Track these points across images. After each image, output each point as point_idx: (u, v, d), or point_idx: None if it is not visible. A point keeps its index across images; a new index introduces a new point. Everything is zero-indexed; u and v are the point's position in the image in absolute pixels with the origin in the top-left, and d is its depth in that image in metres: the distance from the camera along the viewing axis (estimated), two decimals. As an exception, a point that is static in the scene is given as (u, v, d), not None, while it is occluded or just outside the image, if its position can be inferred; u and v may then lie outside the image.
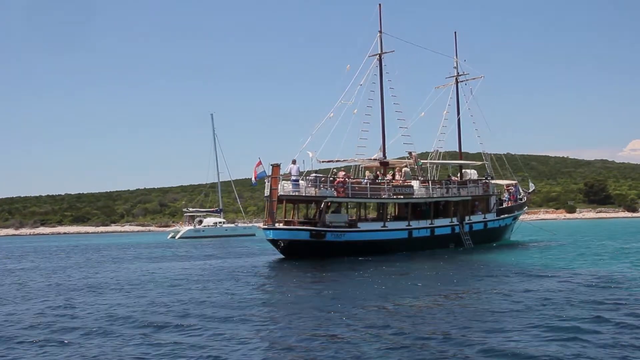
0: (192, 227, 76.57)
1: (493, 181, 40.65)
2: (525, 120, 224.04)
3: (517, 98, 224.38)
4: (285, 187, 30.70)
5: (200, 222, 78.50)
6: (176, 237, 72.96)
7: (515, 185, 43.40)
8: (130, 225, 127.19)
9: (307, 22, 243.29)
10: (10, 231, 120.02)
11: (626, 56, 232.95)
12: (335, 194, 31.32)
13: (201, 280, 21.90)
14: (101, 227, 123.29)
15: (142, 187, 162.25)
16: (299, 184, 30.58)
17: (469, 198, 37.09)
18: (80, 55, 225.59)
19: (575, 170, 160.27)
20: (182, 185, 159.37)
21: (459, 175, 40.58)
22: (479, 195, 38.15)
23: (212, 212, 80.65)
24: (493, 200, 39.42)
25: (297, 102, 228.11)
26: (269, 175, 30.90)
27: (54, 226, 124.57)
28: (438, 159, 40.35)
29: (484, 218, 38.21)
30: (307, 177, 30.99)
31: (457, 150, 42.94)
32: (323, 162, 34.18)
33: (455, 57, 42.15)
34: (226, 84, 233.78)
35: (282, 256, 30.98)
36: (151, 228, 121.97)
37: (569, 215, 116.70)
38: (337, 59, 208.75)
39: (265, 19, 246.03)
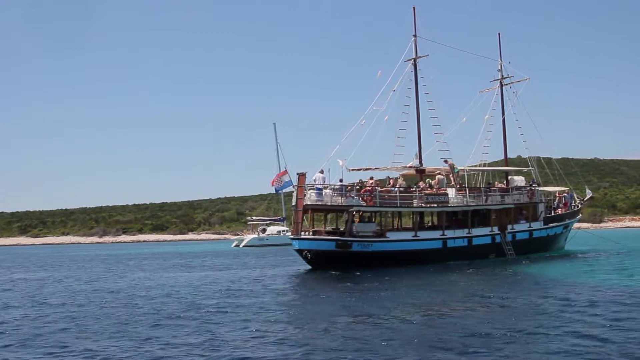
0: (255, 236, 77.46)
1: (541, 188, 38.62)
2: (609, 122, 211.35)
3: (579, 100, 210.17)
4: (311, 197, 30.33)
5: (264, 230, 79.31)
6: (240, 246, 74.02)
7: (568, 192, 41.03)
8: (206, 233, 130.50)
9: (336, 26, 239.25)
10: (95, 239, 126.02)
11: None
12: (363, 203, 30.67)
13: (180, 293, 21.32)
14: (179, 235, 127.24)
15: (223, 196, 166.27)
16: (322, 193, 30.12)
17: (512, 206, 35.37)
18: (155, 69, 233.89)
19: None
20: (261, 194, 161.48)
21: (505, 182, 38.83)
22: (524, 203, 36.29)
23: (276, 220, 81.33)
24: (540, 207, 37.41)
25: (329, 111, 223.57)
26: (295, 185, 30.69)
27: (134, 234, 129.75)
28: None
29: (529, 227, 36.27)
30: (333, 186, 30.47)
31: (502, 156, 41.18)
32: (353, 170, 33.64)
33: (499, 60, 40.54)
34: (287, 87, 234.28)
35: (309, 267, 30.64)
36: (227, 236, 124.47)
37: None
38: (367, 64, 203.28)
39: (291, 23, 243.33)
